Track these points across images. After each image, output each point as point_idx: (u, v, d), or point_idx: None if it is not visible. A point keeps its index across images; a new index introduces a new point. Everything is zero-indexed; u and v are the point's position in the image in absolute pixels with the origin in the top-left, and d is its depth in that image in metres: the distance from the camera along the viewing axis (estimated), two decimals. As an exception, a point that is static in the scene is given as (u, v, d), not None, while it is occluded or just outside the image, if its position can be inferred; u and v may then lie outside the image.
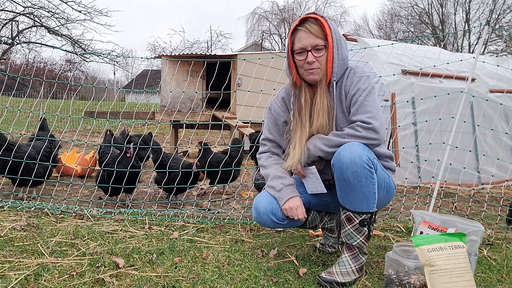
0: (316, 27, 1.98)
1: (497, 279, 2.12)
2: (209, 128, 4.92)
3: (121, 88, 26.87)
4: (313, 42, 1.97)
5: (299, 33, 2.00)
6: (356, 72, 2.04)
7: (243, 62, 6.68)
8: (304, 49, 1.99)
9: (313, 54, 1.98)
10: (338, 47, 2.00)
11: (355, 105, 1.96)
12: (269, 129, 2.25)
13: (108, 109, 10.06)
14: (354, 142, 1.89)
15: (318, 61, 1.99)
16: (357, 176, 1.86)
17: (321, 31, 1.98)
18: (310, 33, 1.97)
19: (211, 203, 3.75)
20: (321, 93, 2.03)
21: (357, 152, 1.85)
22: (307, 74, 2.04)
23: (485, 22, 4.72)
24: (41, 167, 3.60)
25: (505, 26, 25.95)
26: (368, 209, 1.93)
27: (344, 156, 1.86)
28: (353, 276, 1.99)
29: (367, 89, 1.98)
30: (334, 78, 2.03)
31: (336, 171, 1.91)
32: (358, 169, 1.85)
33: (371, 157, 1.88)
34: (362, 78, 2.01)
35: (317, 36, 1.97)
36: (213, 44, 32.54)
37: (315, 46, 1.97)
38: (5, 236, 2.46)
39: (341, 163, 1.87)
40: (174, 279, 1.97)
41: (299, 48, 2.00)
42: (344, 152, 1.87)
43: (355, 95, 1.98)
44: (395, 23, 32.80)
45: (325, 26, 1.97)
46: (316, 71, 2.01)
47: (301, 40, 1.99)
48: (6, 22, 23.32)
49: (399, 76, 5.21)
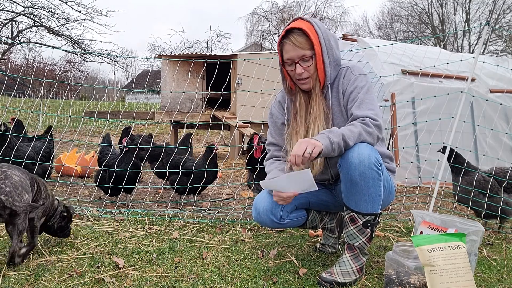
0: (301, 38, 1.97)
1: (497, 279, 2.12)
2: (209, 128, 4.91)
3: (121, 88, 26.86)
4: (299, 54, 1.97)
5: (285, 46, 2.01)
6: (353, 71, 2.04)
7: (243, 62, 6.67)
8: (291, 61, 2.00)
9: (301, 65, 1.98)
10: (328, 50, 1.99)
11: (355, 102, 1.95)
12: (271, 133, 2.27)
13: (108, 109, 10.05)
14: (362, 143, 1.88)
15: (307, 71, 2.00)
16: (365, 177, 1.86)
17: (306, 42, 1.97)
18: (295, 46, 1.97)
19: (211, 203, 3.75)
20: (316, 99, 2.04)
21: (365, 153, 1.84)
22: (299, 84, 2.06)
23: (485, 22, 4.73)
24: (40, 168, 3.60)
25: (505, 26, 25.94)
26: (373, 211, 1.93)
27: (352, 157, 1.85)
28: (353, 276, 1.99)
29: (366, 86, 1.98)
30: (328, 82, 2.03)
31: (343, 172, 1.90)
32: (366, 170, 1.84)
33: (378, 159, 1.88)
34: (359, 76, 2.01)
35: (302, 48, 1.97)
36: (213, 44, 32.54)
37: (302, 57, 1.98)
38: (5, 236, 2.46)
39: (349, 163, 1.86)
40: (174, 279, 1.97)
41: (287, 59, 2.01)
42: (352, 153, 1.86)
43: (352, 92, 1.98)
44: (395, 23, 32.80)
45: (310, 35, 1.95)
46: (306, 80, 2.03)
47: (288, 52, 2.00)
48: (6, 22, 23.30)
49: (399, 76, 5.21)
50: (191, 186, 3.52)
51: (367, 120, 1.88)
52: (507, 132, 5.48)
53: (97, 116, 6.91)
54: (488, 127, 4.94)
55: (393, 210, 3.61)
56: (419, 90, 5.21)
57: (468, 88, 3.23)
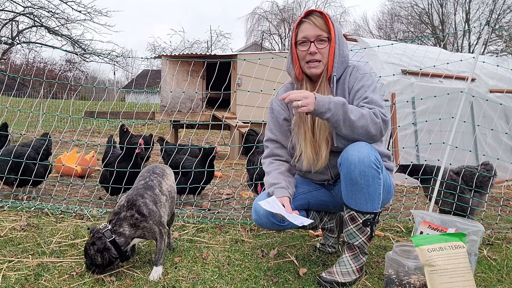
0: (321, 20, 2.02)
1: (497, 279, 2.12)
2: (209, 128, 4.91)
3: (121, 88, 26.86)
4: (316, 32, 2.00)
5: (303, 24, 2.04)
6: (359, 69, 2.07)
7: (243, 62, 6.68)
8: (307, 39, 2.01)
9: (315, 45, 2.00)
10: (340, 44, 2.03)
11: (365, 99, 1.95)
12: (271, 129, 2.24)
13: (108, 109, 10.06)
14: (361, 142, 1.90)
15: (320, 53, 2.01)
16: (364, 176, 1.86)
17: (325, 25, 2.01)
18: (314, 25, 2.01)
19: (211, 203, 3.75)
20: (322, 88, 2.04)
21: (365, 152, 1.85)
22: (308, 68, 2.05)
23: (485, 22, 4.73)
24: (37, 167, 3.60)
25: (505, 26, 25.94)
26: (373, 209, 1.93)
27: (352, 155, 1.86)
28: (353, 276, 1.99)
29: (372, 86, 2.00)
30: (334, 74, 2.04)
31: (343, 170, 1.91)
32: (366, 168, 1.85)
33: (378, 157, 1.89)
34: (365, 75, 2.04)
35: (321, 28, 2.00)
36: (213, 44, 32.57)
37: (318, 36, 2.00)
38: (5, 236, 2.46)
39: (349, 162, 1.87)
40: (174, 279, 1.97)
41: (302, 37, 2.02)
42: (352, 151, 1.87)
43: (359, 90, 1.99)
44: (395, 23, 32.81)
45: (329, 21, 2.02)
46: (317, 64, 2.02)
47: (305, 31, 2.02)
48: (6, 22, 23.31)
49: (399, 76, 5.21)
50: (187, 186, 3.53)
51: (377, 110, 1.88)
52: (507, 132, 5.48)
53: (97, 116, 6.92)
54: (488, 127, 4.94)
55: (393, 210, 3.61)
56: (419, 90, 5.21)
57: (468, 88, 3.23)
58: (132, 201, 2.00)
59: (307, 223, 1.95)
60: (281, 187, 2.07)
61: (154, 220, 2.01)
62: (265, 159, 2.25)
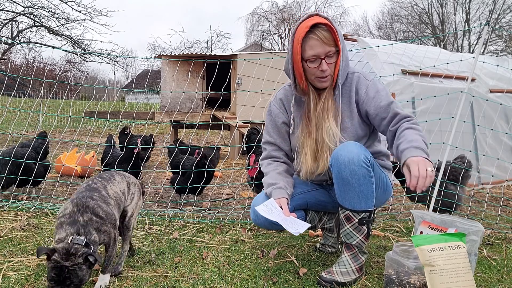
0: (328, 34, 1.93)
1: (497, 279, 2.12)
2: (209, 128, 4.92)
3: (121, 88, 26.86)
4: (326, 50, 1.94)
5: (311, 41, 1.94)
6: (366, 77, 2.06)
7: (243, 62, 6.68)
8: (317, 57, 1.95)
9: (326, 62, 1.95)
10: (343, 49, 1.99)
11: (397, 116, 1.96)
12: (269, 132, 2.23)
13: (108, 109, 10.06)
14: (351, 142, 1.93)
15: (330, 68, 1.98)
16: (355, 175, 1.87)
17: (332, 38, 1.94)
18: (322, 42, 1.93)
19: (211, 203, 3.75)
20: (327, 96, 2.03)
21: (354, 151, 1.87)
22: (319, 82, 2.02)
23: (485, 22, 4.73)
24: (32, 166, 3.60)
25: (505, 26, 25.94)
26: (367, 208, 1.94)
27: (341, 156, 1.88)
28: (353, 275, 1.99)
29: (385, 90, 2.03)
30: (339, 81, 2.03)
31: (334, 171, 1.92)
32: (356, 168, 1.86)
33: (368, 156, 1.90)
34: (374, 81, 2.05)
35: (329, 44, 1.94)
36: (213, 44, 32.58)
37: (328, 53, 1.94)
38: (5, 236, 2.46)
39: (339, 162, 1.88)
40: (174, 279, 1.97)
41: (312, 56, 1.95)
42: (341, 151, 1.89)
43: (375, 97, 2.00)
44: (395, 23, 32.81)
45: (335, 31, 1.95)
46: (328, 78, 2.00)
47: (314, 48, 1.93)
48: (6, 22, 23.31)
49: (399, 76, 5.21)
50: (185, 185, 3.54)
51: (412, 120, 1.93)
52: (507, 132, 5.48)
53: (97, 116, 6.92)
54: (488, 127, 4.94)
55: (393, 210, 3.61)
56: (419, 90, 5.21)
57: (468, 88, 3.23)
58: (83, 204, 1.76)
59: (303, 231, 1.94)
60: (279, 187, 2.07)
61: (111, 222, 1.84)
62: (263, 160, 2.26)
